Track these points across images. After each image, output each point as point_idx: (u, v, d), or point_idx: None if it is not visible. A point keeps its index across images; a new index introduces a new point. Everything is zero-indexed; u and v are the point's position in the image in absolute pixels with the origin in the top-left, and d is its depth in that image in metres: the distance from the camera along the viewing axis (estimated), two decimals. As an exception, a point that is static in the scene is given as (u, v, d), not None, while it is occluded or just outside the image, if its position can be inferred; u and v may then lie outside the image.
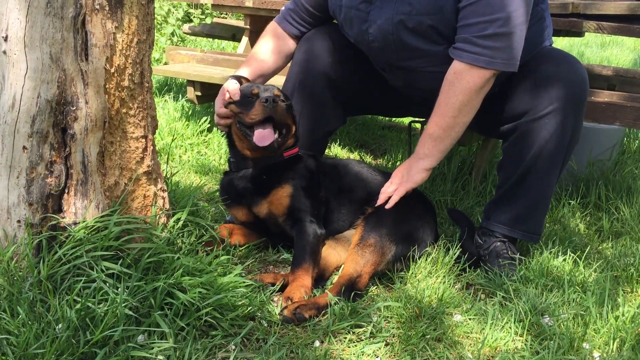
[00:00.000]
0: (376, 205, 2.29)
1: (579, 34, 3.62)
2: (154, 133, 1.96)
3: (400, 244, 2.18)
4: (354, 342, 1.81)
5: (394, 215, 2.23)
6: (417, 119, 2.89)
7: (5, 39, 1.65)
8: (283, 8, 2.66)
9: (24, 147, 1.70)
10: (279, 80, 2.83)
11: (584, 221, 2.86)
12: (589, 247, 2.46)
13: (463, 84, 2.15)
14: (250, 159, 2.32)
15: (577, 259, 2.30)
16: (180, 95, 4.63)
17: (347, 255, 2.14)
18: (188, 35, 6.61)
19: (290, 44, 2.63)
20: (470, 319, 1.94)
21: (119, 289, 1.64)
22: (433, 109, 2.25)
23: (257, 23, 4.23)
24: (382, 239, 2.14)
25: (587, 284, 2.15)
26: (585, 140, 2.53)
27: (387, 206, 2.25)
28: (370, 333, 1.83)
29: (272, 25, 2.66)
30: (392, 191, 2.29)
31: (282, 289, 2.07)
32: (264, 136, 2.21)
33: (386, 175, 2.49)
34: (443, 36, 2.23)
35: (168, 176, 2.38)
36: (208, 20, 7.40)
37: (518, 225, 2.32)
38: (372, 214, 2.26)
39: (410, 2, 2.22)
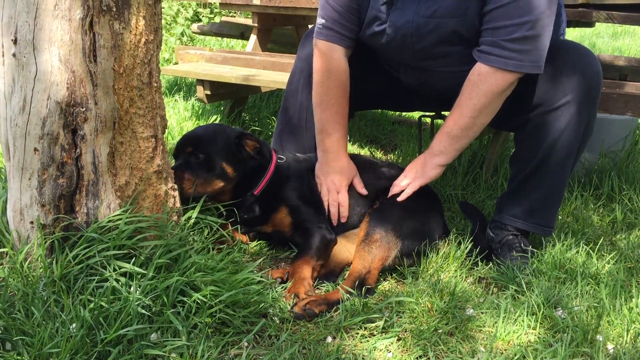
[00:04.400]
0: (388, 196, 2.29)
1: (590, 24, 3.59)
2: (163, 132, 1.97)
3: (406, 239, 2.16)
4: (366, 338, 1.81)
5: (398, 211, 2.23)
6: (427, 114, 2.88)
7: (14, 42, 1.66)
8: (321, 25, 2.37)
9: (35, 149, 1.72)
10: (283, 77, 2.82)
11: (597, 213, 2.83)
12: (602, 239, 2.44)
13: (486, 87, 2.13)
14: None
15: (590, 251, 2.28)
16: (190, 95, 4.64)
17: (354, 252, 2.14)
18: (197, 35, 6.63)
19: (345, 67, 2.42)
20: (482, 312, 1.94)
21: (132, 288, 1.66)
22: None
23: (265, 21, 4.23)
24: (388, 234, 2.13)
25: (600, 276, 2.13)
26: (597, 131, 2.50)
27: (400, 198, 2.26)
28: (382, 328, 1.83)
29: (337, 65, 2.38)
30: (405, 185, 2.28)
31: (293, 284, 2.08)
32: None
33: (386, 164, 2.49)
34: (463, 38, 2.21)
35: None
36: (217, 19, 7.42)
37: (531, 219, 2.31)
38: (376, 210, 2.25)
39: (433, 5, 2.18)
